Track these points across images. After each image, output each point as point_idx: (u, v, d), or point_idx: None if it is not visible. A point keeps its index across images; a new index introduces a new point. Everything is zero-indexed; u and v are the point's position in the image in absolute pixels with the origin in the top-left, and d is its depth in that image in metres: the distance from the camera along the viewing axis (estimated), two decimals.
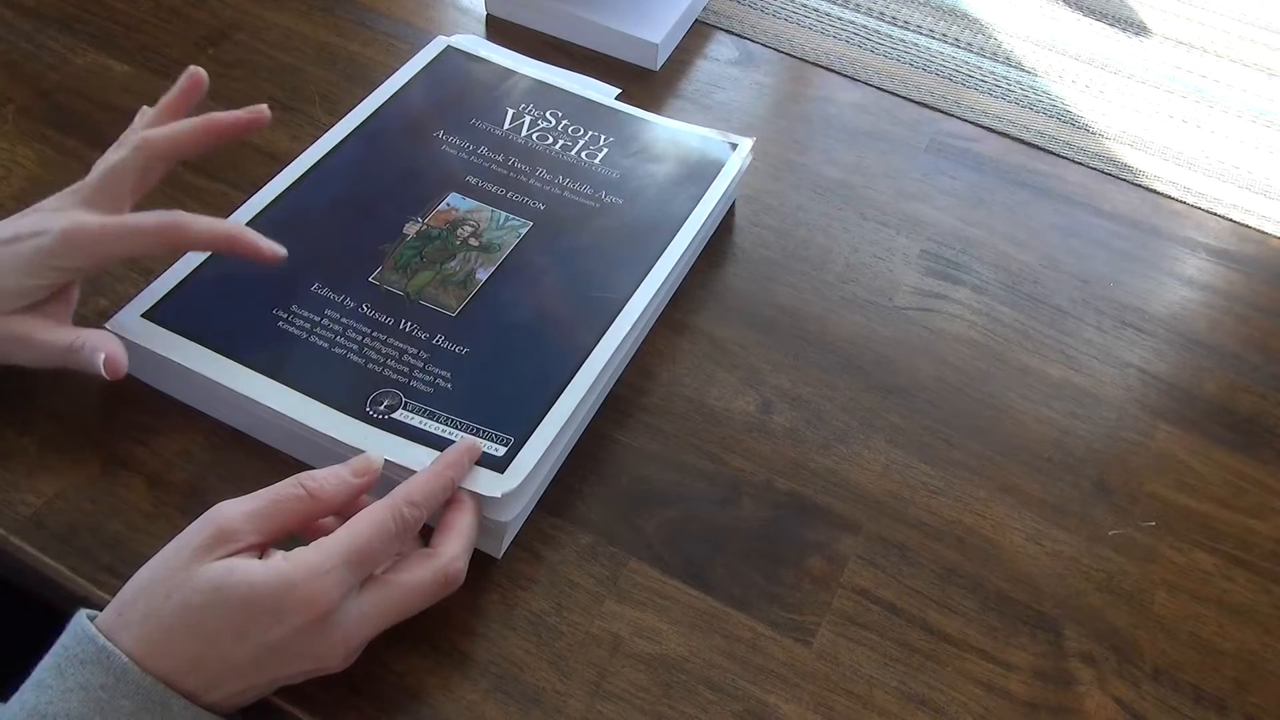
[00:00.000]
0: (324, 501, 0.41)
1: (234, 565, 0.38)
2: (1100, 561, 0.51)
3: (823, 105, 0.73)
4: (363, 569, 0.40)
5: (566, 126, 0.63)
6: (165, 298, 0.50)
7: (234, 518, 0.39)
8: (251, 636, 0.37)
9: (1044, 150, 0.72)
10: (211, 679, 0.37)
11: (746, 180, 0.66)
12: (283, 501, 0.40)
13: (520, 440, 0.47)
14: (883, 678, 0.45)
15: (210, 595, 0.37)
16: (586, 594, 0.46)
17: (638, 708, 0.43)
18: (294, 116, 0.65)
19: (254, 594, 0.37)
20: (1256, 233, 0.69)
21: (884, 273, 0.62)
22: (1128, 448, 0.55)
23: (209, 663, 0.37)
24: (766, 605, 0.47)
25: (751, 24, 0.79)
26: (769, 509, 0.50)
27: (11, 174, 0.59)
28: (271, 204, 0.55)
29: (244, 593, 0.37)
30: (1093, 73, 0.79)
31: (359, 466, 0.43)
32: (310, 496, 0.41)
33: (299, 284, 0.52)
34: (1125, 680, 0.47)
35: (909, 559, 0.49)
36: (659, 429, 0.53)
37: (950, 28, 0.82)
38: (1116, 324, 0.62)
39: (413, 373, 0.49)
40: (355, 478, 0.42)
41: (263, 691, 0.39)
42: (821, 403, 0.55)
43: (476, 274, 0.54)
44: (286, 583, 0.37)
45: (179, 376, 0.49)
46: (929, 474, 0.53)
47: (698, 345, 0.57)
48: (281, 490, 0.40)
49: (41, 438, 0.48)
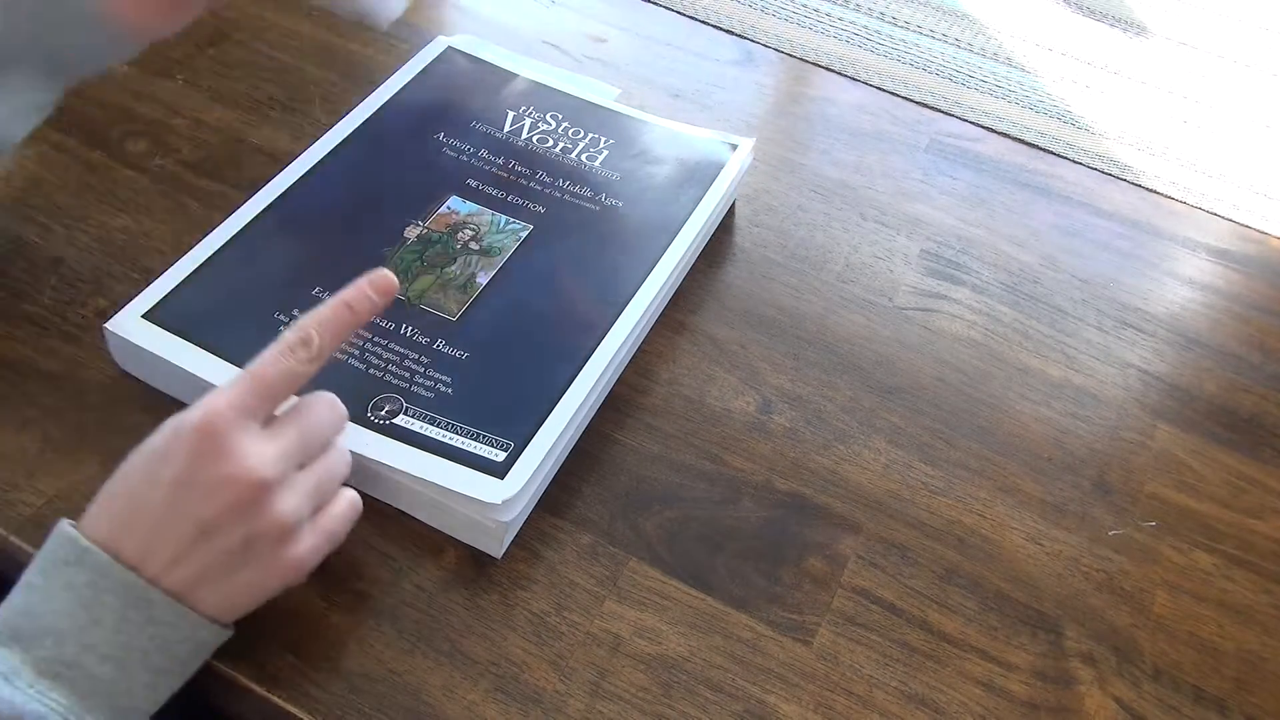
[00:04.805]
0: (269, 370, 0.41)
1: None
2: (1100, 561, 0.51)
3: (823, 105, 0.73)
4: (256, 389, 0.40)
5: (566, 129, 0.63)
6: (165, 299, 0.50)
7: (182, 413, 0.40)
8: (160, 476, 0.39)
9: (1044, 150, 0.72)
10: (147, 544, 0.38)
11: (746, 180, 0.66)
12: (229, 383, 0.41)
13: (520, 445, 0.47)
14: (883, 678, 0.45)
15: (135, 454, 0.40)
16: (586, 594, 0.46)
17: (638, 708, 0.43)
18: (294, 116, 0.65)
19: (158, 434, 0.39)
20: (1256, 233, 0.69)
21: (884, 273, 0.62)
22: (1128, 448, 0.55)
23: (138, 521, 0.38)
24: (766, 605, 0.47)
25: (751, 24, 0.79)
26: (769, 509, 0.50)
27: (12, 174, 0.59)
28: (272, 204, 0.55)
29: (154, 437, 0.39)
30: (1093, 73, 0.79)
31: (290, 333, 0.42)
32: (255, 373, 0.41)
33: (300, 287, 0.52)
34: (1125, 680, 0.47)
35: (909, 559, 0.49)
36: (659, 429, 0.53)
37: (950, 28, 0.82)
38: (1116, 324, 0.62)
39: (413, 378, 0.49)
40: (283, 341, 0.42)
41: (207, 569, 0.39)
42: (821, 403, 0.55)
43: (477, 278, 0.54)
44: (182, 414, 0.39)
45: (179, 378, 0.49)
46: (929, 474, 0.53)
47: (698, 345, 0.57)
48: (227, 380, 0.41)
49: (41, 438, 0.48)
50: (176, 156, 0.62)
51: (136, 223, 0.58)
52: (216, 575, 0.39)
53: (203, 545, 0.38)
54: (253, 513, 0.39)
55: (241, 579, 0.40)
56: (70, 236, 0.57)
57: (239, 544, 0.39)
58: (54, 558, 0.38)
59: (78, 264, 0.55)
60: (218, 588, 0.39)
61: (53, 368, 0.51)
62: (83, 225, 0.57)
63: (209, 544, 0.38)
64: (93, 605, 0.37)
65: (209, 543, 0.38)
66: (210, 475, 0.38)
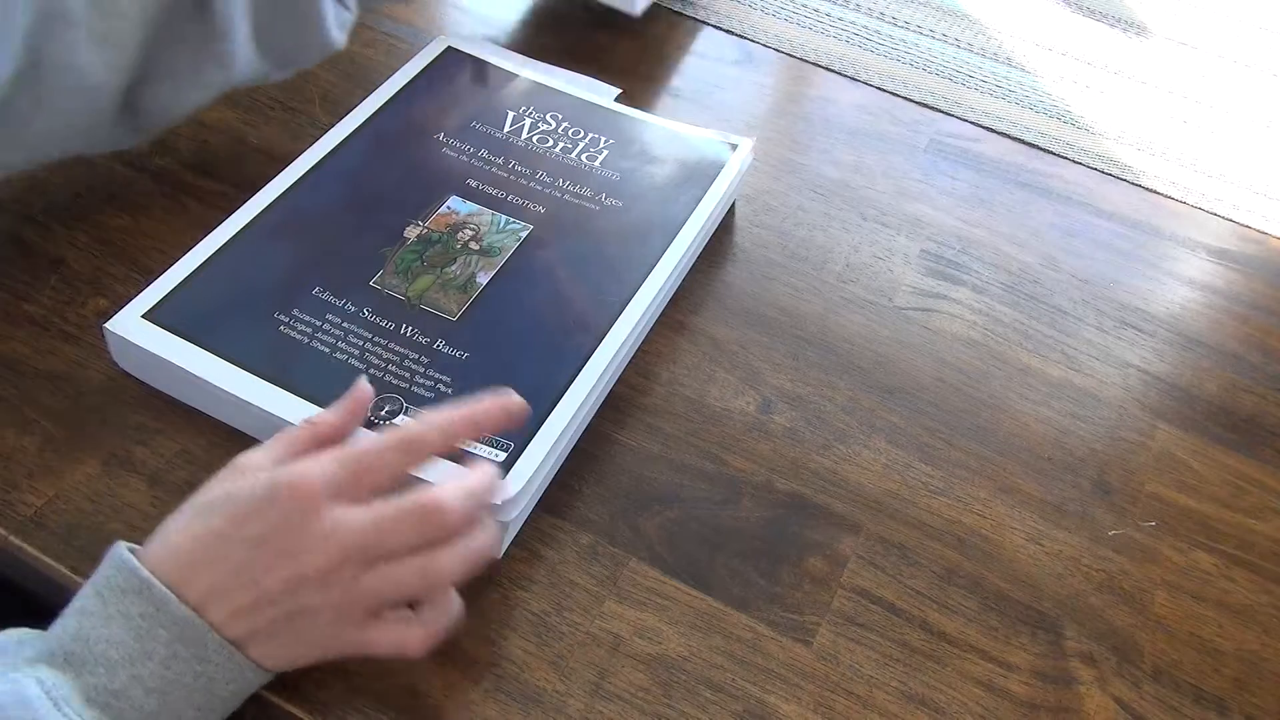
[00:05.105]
0: (322, 426, 0.44)
1: (244, 476, 0.41)
2: (1100, 561, 0.51)
3: (823, 105, 0.73)
4: (355, 471, 0.40)
5: (566, 129, 0.63)
6: (165, 299, 0.50)
7: (249, 454, 0.42)
8: (247, 529, 0.39)
9: (1044, 150, 0.72)
10: (216, 591, 0.38)
11: (746, 180, 0.66)
12: (287, 435, 0.43)
13: (520, 447, 0.47)
14: (883, 678, 0.45)
15: (216, 498, 0.40)
16: (586, 594, 0.46)
17: (638, 708, 0.43)
18: (294, 116, 0.65)
19: (251, 487, 0.40)
20: (1256, 233, 0.69)
21: (884, 273, 0.62)
22: (1128, 448, 0.55)
23: (212, 567, 0.38)
24: (766, 605, 0.47)
25: (751, 24, 0.79)
26: (769, 509, 0.50)
27: (12, 175, 0.59)
28: (272, 205, 0.55)
29: (244, 488, 0.40)
30: (1093, 73, 0.79)
31: (348, 393, 0.46)
32: (311, 425, 0.44)
33: (300, 287, 0.52)
34: (1125, 680, 0.47)
35: (909, 559, 0.49)
36: (659, 429, 0.53)
37: (950, 28, 0.82)
38: (1116, 324, 0.62)
39: (414, 378, 0.49)
40: (346, 400, 0.45)
41: (272, 625, 0.39)
42: (821, 403, 0.55)
43: (477, 278, 0.54)
44: (278, 473, 0.40)
45: (179, 378, 0.49)
46: (929, 474, 0.53)
47: (698, 345, 0.57)
48: (287, 429, 0.44)
49: (41, 438, 0.48)
50: (176, 156, 0.62)
51: (136, 223, 0.58)
52: (279, 632, 0.39)
53: (273, 605, 0.39)
54: (329, 585, 0.39)
55: (304, 640, 0.40)
56: (70, 236, 0.57)
57: (310, 610, 0.39)
58: (112, 584, 0.38)
59: (78, 264, 0.55)
60: (277, 642, 0.39)
61: (53, 368, 0.51)
62: (83, 225, 0.57)
63: (279, 605, 0.39)
64: (145, 637, 0.37)
65: (279, 604, 0.39)
66: (290, 540, 0.39)
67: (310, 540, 0.39)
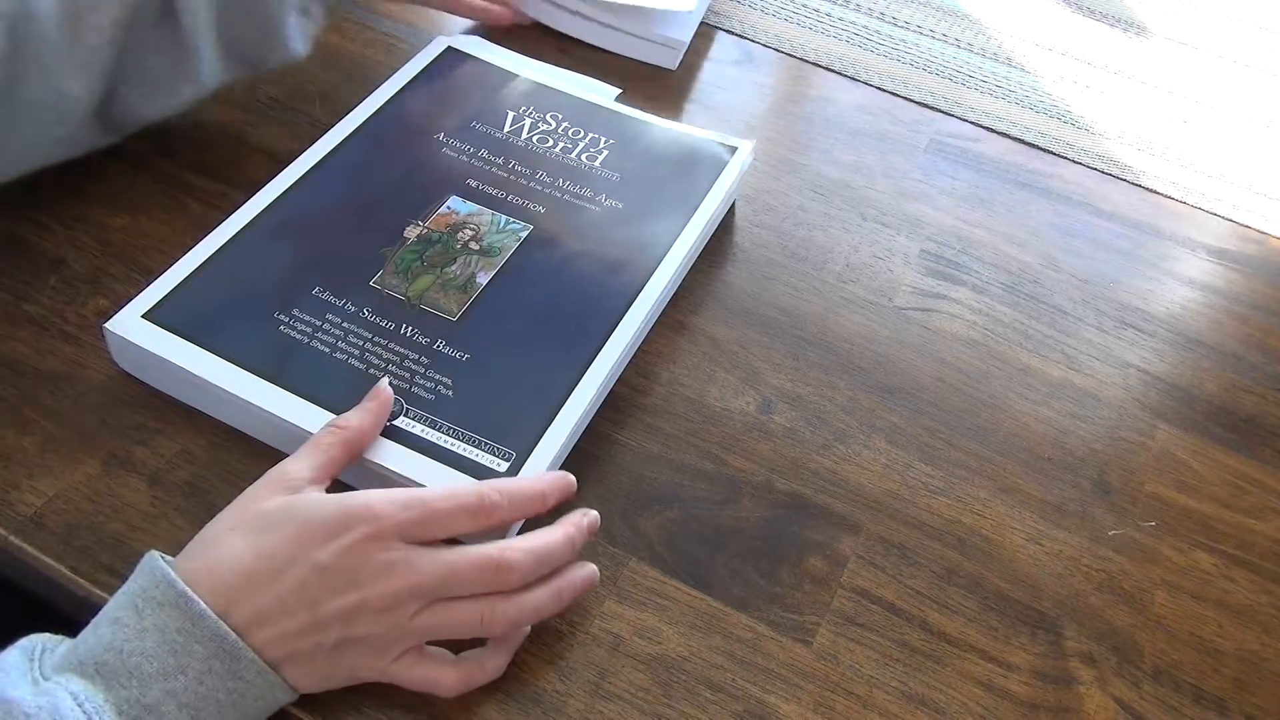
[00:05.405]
0: (354, 428, 0.45)
1: (305, 491, 0.41)
2: (1100, 561, 0.51)
3: (823, 105, 0.73)
4: (423, 516, 0.41)
5: (567, 129, 0.63)
6: (165, 299, 0.50)
7: (288, 466, 0.42)
8: (306, 554, 0.39)
9: (1044, 150, 0.72)
10: (264, 614, 0.38)
11: (746, 180, 0.66)
12: (321, 441, 0.44)
13: (523, 456, 0.47)
14: (883, 678, 0.45)
15: (276, 514, 0.40)
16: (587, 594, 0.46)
17: (638, 708, 0.43)
18: (294, 116, 0.65)
19: (320, 510, 0.40)
20: (1256, 233, 0.69)
21: (884, 273, 0.62)
22: (1128, 448, 0.55)
23: (264, 590, 0.38)
24: (766, 605, 0.47)
25: (752, 24, 0.79)
26: (769, 509, 0.50)
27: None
28: (272, 205, 0.55)
29: (311, 507, 0.40)
30: (1093, 73, 0.79)
31: (371, 394, 0.46)
32: (337, 430, 0.44)
33: (300, 287, 0.52)
34: (1125, 680, 0.47)
35: (909, 559, 0.49)
36: (659, 429, 0.53)
37: (950, 28, 0.82)
38: (1116, 324, 0.62)
39: (414, 379, 0.49)
40: (370, 403, 0.46)
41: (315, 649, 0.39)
42: (821, 403, 0.55)
43: (477, 278, 0.54)
44: (349, 500, 0.40)
45: (179, 378, 0.49)
46: (929, 474, 0.53)
47: (698, 345, 0.57)
48: (317, 435, 0.44)
49: (41, 438, 0.48)
50: (176, 157, 0.62)
51: (136, 223, 0.58)
52: (319, 657, 0.39)
53: (322, 631, 0.39)
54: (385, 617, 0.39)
55: (341, 665, 0.40)
56: (70, 236, 0.57)
57: (357, 639, 0.39)
58: (146, 595, 0.38)
59: (78, 264, 0.55)
60: (314, 666, 0.39)
61: (53, 368, 0.51)
62: (83, 225, 0.57)
63: (328, 632, 0.39)
64: (181, 652, 0.37)
65: (329, 631, 0.39)
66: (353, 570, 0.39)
67: (378, 571, 0.39)
